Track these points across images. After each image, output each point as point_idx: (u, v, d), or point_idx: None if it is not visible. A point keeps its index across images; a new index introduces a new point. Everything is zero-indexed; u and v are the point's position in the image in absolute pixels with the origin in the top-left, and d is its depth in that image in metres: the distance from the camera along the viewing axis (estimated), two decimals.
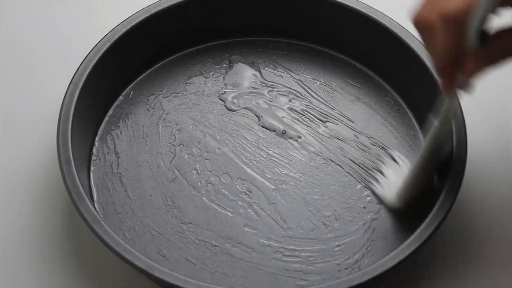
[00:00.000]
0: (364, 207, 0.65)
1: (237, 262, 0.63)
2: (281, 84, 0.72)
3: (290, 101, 0.71)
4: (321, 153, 0.68)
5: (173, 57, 0.73)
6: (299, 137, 0.69)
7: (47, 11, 0.78)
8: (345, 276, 0.61)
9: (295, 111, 0.70)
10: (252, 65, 0.73)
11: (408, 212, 0.64)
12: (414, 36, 0.68)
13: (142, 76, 0.72)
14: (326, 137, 0.69)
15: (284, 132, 0.69)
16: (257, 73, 0.72)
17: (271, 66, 0.73)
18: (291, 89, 0.72)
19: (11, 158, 0.69)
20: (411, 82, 0.69)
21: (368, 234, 0.64)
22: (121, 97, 0.70)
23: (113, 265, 0.63)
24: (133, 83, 0.71)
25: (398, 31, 0.69)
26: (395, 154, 0.68)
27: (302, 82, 0.72)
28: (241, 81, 0.72)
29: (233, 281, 0.62)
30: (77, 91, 0.65)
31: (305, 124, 0.70)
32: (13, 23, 0.77)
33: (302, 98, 0.71)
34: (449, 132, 0.63)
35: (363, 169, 0.67)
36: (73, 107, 0.65)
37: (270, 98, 0.71)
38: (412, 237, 0.60)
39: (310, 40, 0.73)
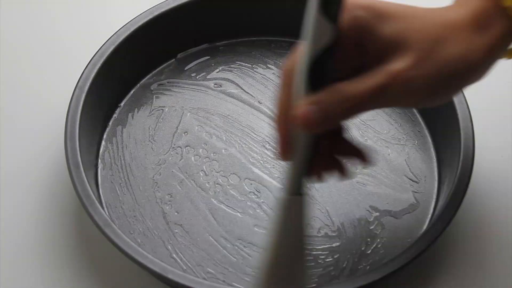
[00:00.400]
0: (373, 205, 0.66)
1: (248, 262, 0.63)
2: None
3: None
4: None
5: (176, 58, 0.73)
6: None
7: (51, 15, 0.78)
8: (355, 274, 0.62)
9: None
10: (256, 64, 0.73)
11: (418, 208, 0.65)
12: None
13: (146, 78, 0.71)
14: None
15: None
16: (261, 72, 0.73)
17: (275, 66, 0.73)
18: None
19: (18, 163, 0.69)
20: None
21: (377, 231, 0.64)
22: (125, 99, 0.70)
23: (123, 267, 0.63)
24: (137, 86, 0.71)
25: None
26: None
27: None
28: (246, 81, 0.72)
29: (245, 280, 0.62)
30: (83, 95, 0.65)
31: None
32: (17, 27, 0.76)
33: None
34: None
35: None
36: (79, 111, 0.65)
37: (275, 98, 0.71)
38: (422, 233, 0.60)
39: None
